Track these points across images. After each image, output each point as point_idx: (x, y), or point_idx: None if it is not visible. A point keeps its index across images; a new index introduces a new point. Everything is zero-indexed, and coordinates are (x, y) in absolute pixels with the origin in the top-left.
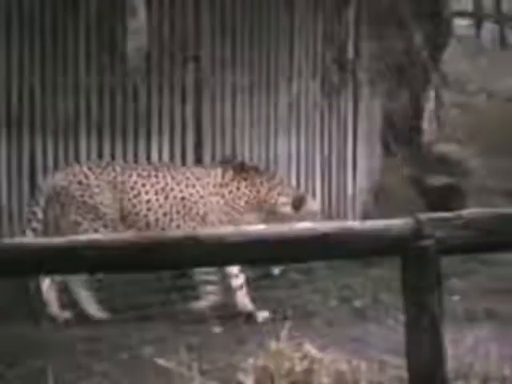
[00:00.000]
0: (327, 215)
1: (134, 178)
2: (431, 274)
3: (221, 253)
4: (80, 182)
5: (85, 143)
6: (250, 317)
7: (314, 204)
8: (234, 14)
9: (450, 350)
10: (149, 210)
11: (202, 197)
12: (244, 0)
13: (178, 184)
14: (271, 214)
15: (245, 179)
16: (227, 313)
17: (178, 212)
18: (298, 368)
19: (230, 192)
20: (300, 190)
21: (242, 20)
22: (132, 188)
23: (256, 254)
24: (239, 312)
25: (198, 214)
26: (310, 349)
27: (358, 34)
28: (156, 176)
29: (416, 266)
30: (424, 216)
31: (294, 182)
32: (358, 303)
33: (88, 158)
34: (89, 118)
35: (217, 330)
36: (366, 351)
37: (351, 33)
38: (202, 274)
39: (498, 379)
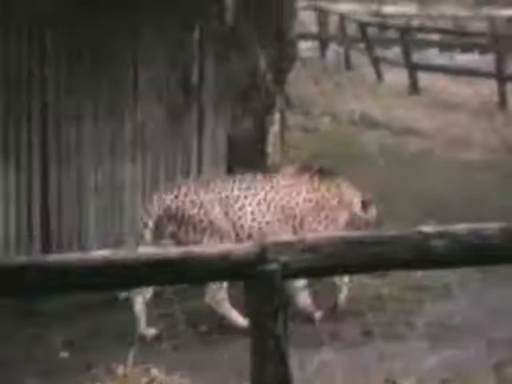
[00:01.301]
0: None
1: (236, 191)
2: (276, 298)
3: (65, 279)
4: (192, 201)
5: None
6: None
7: (374, 208)
8: (79, 38)
9: (295, 374)
10: (253, 220)
11: (297, 203)
12: (89, 25)
13: (277, 193)
14: (350, 215)
15: (331, 182)
16: (74, 337)
17: (278, 220)
18: None
19: (323, 196)
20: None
21: (87, 45)
22: (236, 201)
23: (101, 279)
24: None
25: (295, 219)
26: (157, 373)
27: (202, 58)
28: (255, 188)
29: (260, 290)
30: (268, 240)
31: (140, 205)
32: (204, 327)
33: None
34: None
35: (64, 354)
36: (213, 375)
37: (196, 57)
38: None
39: None
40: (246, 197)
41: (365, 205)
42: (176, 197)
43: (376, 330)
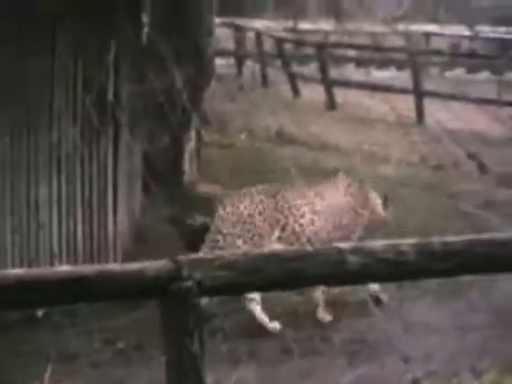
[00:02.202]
0: (89, 257)
1: (298, 200)
2: (191, 316)
3: None
4: (260, 213)
5: None
6: None
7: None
8: None
9: None
10: (313, 224)
11: (340, 207)
12: (6, 42)
13: (326, 199)
14: (371, 214)
15: (356, 187)
16: None
17: (329, 222)
18: None
19: (348, 201)
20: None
21: (3, 64)
22: (298, 209)
23: (14, 298)
24: None
25: (338, 220)
26: None
27: (118, 75)
28: (310, 196)
29: (175, 307)
30: (183, 257)
31: (55, 224)
32: (121, 345)
33: None
34: None
35: None
36: None
37: (111, 75)
38: None
39: None
40: (305, 204)
41: (385, 203)
42: (250, 204)
43: (294, 346)
